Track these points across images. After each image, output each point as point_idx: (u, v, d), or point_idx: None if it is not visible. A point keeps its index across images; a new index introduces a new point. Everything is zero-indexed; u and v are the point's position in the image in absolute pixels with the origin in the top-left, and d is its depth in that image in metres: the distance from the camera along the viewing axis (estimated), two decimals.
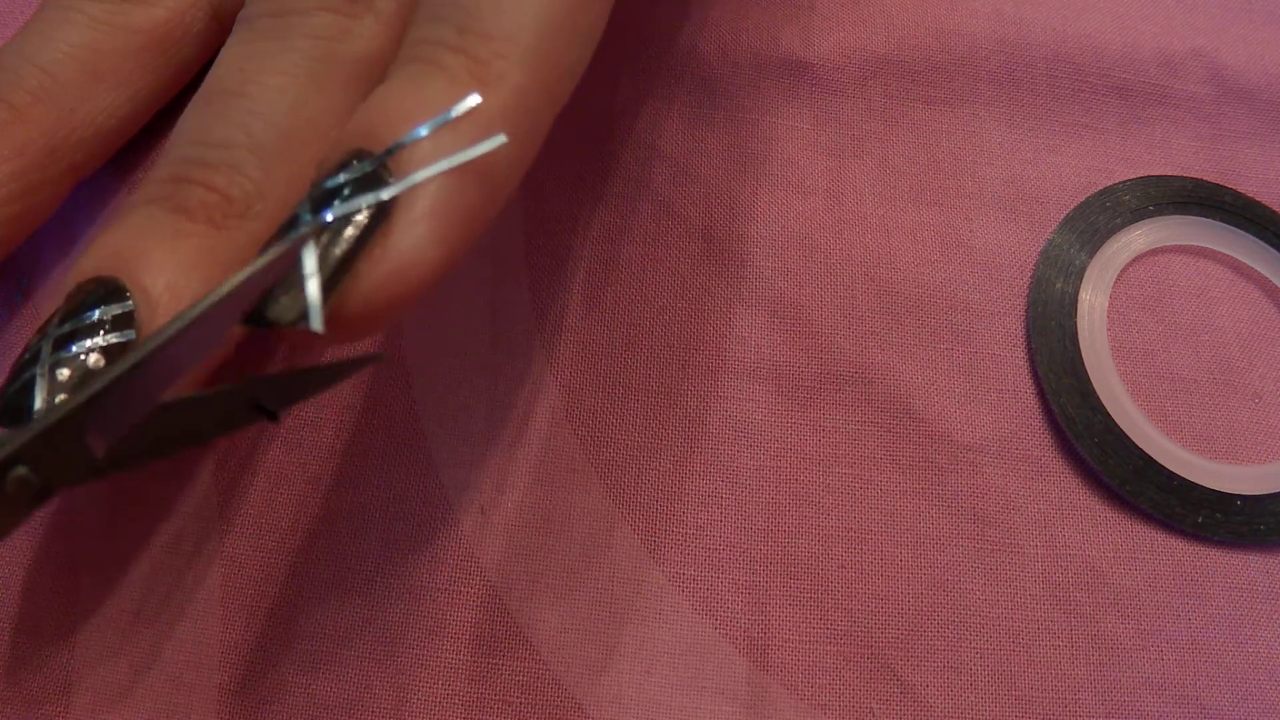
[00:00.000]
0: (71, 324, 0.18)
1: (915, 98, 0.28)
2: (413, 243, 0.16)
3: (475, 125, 0.17)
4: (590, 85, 0.26)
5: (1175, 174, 0.28)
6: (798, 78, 0.28)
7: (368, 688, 0.21)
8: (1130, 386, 0.25)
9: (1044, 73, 0.28)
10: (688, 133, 0.27)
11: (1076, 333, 0.25)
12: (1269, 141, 0.28)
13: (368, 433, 0.23)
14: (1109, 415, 0.24)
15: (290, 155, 0.21)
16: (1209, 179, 0.28)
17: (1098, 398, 0.24)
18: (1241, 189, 0.27)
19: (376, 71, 0.22)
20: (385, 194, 0.16)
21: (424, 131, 0.17)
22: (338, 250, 0.16)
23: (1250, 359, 0.26)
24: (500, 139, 0.17)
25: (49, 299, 0.24)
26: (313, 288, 0.16)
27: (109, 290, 0.19)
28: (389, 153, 0.17)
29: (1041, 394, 0.25)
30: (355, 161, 0.17)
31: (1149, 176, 0.27)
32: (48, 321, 0.19)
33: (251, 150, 0.20)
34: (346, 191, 0.16)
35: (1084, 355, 0.25)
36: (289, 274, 0.16)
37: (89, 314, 0.18)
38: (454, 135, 0.17)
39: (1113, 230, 0.26)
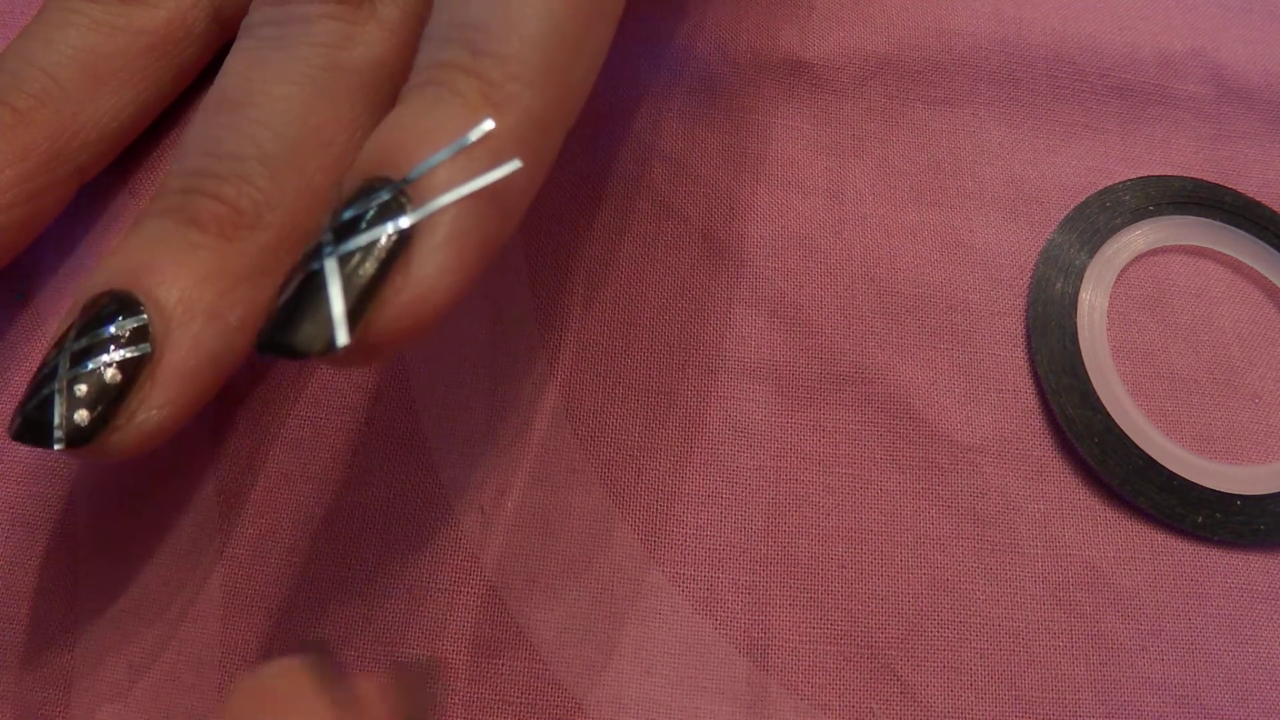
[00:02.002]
0: (88, 339, 0.19)
1: (915, 98, 0.28)
2: (433, 269, 0.17)
3: (490, 149, 0.17)
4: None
5: (1175, 174, 0.28)
6: (797, 77, 0.28)
7: None
8: (1130, 386, 0.25)
9: (1044, 73, 0.28)
10: (687, 132, 0.27)
11: (1076, 333, 0.25)
12: (1269, 141, 0.28)
13: (368, 433, 0.23)
14: (1109, 415, 0.24)
15: (298, 164, 0.21)
16: (1209, 179, 0.28)
17: (1098, 398, 0.24)
18: (1241, 189, 0.27)
19: (381, 78, 0.22)
20: (405, 222, 0.17)
21: (441, 157, 0.17)
22: (361, 279, 0.16)
23: (1250, 359, 0.26)
24: (515, 164, 0.17)
25: (50, 301, 0.24)
26: (339, 314, 0.16)
27: (123, 304, 0.19)
28: (407, 180, 0.17)
29: (1041, 394, 0.25)
30: (374, 188, 0.17)
31: (1149, 176, 0.27)
32: (64, 336, 0.19)
33: (260, 161, 0.20)
34: (370, 215, 0.17)
35: (1084, 355, 0.25)
36: (311, 303, 0.16)
37: (104, 328, 0.19)
38: (469, 160, 0.17)
39: (1113, 230, 0.26)
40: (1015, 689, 0.22)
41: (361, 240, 0.16)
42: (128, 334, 0.19)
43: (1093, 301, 0.26)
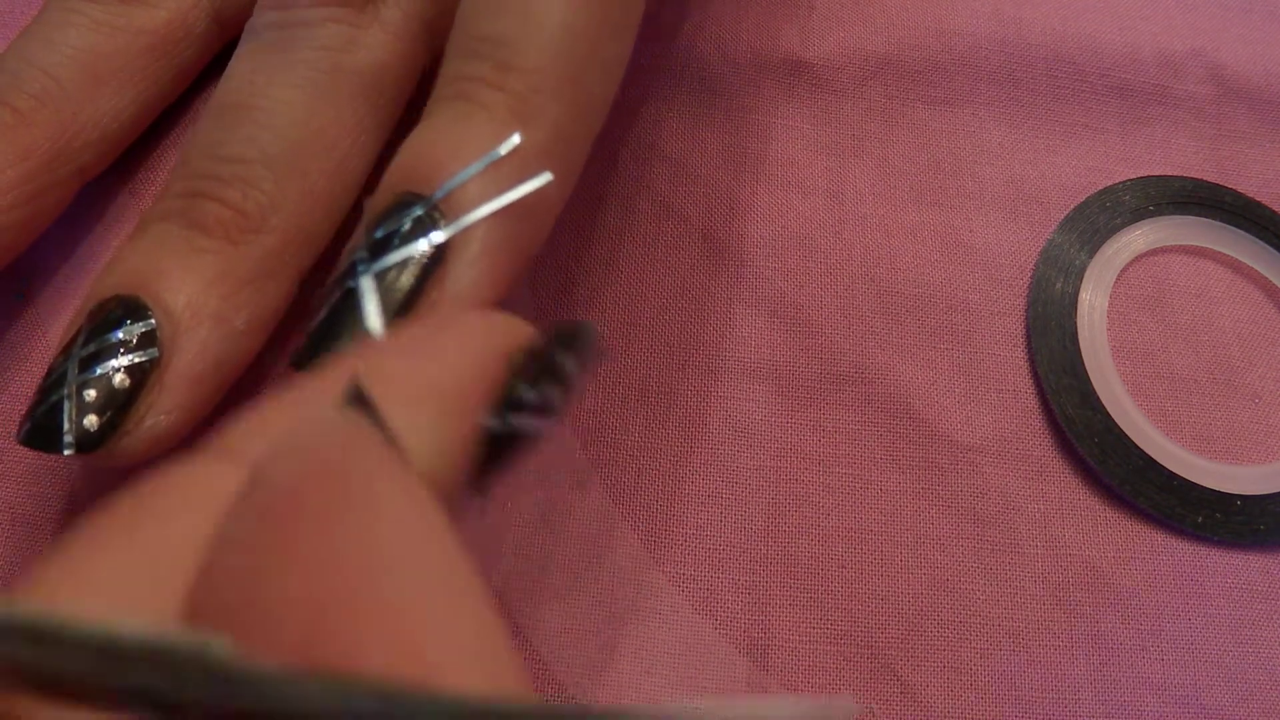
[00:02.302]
0: (96, 344, 0.19)
1: (915, 98, 0.28)
2: (468, 283, 0.17)
3: (519, 163, 0.17)
4: None
5: (1175, 174, 0.28)
6: (797, 77, 0.28)
7: None
8: (1130, 386, 0.25)
9: (1044, 73, 0.28)
10: (687, 132, 0.27)
11: (1076, 333, 0.25)
12: (1269, 141, 0.28)
13: None
14: (1109, 415, 0.24)
15: (301, 167, 0.21)
16: (1209, 179, 0.28)
17: (1098, 398, 0.24)
18: (1241, 189, 0.27)
19: (385, 82, 0.22)
20: (439, 237, 0.17)
21: (472, 172, 0.17)
22: (398, 294, 0.16)
23: (1250, 359, 0.26)
24: (546, 177, 0.17)
25: (50, 301, 0.24)
26: (378, 330, 0.16)
27: (130, 309, 0.19)
28: (439, 195, 0.17)
29: (1041, 394, 0.25)
30: (406, 204, 0.17)
31: (1149, 176, 0.27)
32: (71, 341, 0.19)
33: (263, 164, 0.20)
34: (403, 231, 0.17)
35: (1084, 355, 0.25)
36: (349, 319, 0.16)
37: (112, 333, 0.19)
38: (500, 174, 0.17)
39: (1113, 230, 0.26)
40: (1015, 689, 0.22)
41: (396, 257, 0.17)
42: (135, 339, 0.19)
43: (1093, 301, 0.26)
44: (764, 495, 0.23)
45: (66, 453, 0.18)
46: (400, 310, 0.16)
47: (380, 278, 0.16)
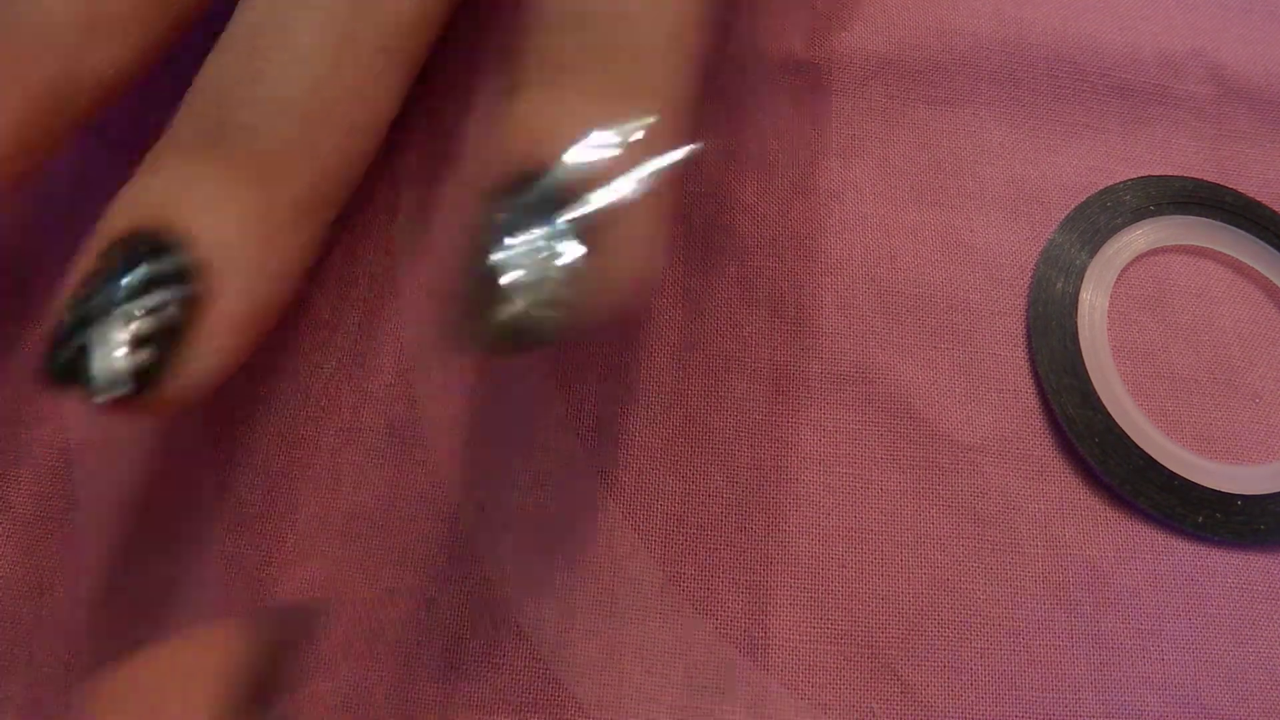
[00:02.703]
0: (119, 281, 0.18)
1: (915, 98, 0.28)
2: (623, 263, 0.17)
3: (650, 139, 0.17)
4: None
5: (1176, 174, 0.28)
6: (797, 77, 0.28)
7: (367, 688, 0.21)
8: (1130, 386, 0.25)
9: (1044, 73, 0.28)
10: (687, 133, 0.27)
11: (1077, 333, 0.25)
12: (1269, 141, 0.28)
13: (368, 433, 0.23)
14: (1109, 415, 0.24)
15: (325, 115, 0.20)
16: (1209, 179, 0.28)
17: (1098, 398, 0.24)
18: (1242, 189, 0.27)
19: (406, 31, 0.21)
20: (577, 217, 0.16)
21: (601, 147, 0.17)
22: (551, 274, 0.16)
23: (1250, 359, 0.26)
24: (693, 146, 0.17)
25: (49, 297, 0.24)
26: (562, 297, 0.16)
27: (158, 243, 0.18)
28: (569, 172, 0.17)
29: (1042, 394, 0.25)
30: (531, 180, 0.17)
31: (1149, 176, 0.27)
32: (91, 277, 0.18)
33: (287, 110, 0.20)
34: (534, 205, 0.16)
35: (1084, 355, 0.25)
36: (492, 297, 0.16)
37: (137, 270, 0.18)
38: (629, 151, 0.17)
39: (1113, 230, 0.27)
40: (1016, 688, 0.22)
41: (537, 236, 0.16)
42: (168, 273, 0.18)
43: (1093, 301, 0.26)
44: (764, 495, 0.23)
45: (98, 399, 0.17)
46: (564, 287, 0.16)
47: (528, 256, 0.16)
